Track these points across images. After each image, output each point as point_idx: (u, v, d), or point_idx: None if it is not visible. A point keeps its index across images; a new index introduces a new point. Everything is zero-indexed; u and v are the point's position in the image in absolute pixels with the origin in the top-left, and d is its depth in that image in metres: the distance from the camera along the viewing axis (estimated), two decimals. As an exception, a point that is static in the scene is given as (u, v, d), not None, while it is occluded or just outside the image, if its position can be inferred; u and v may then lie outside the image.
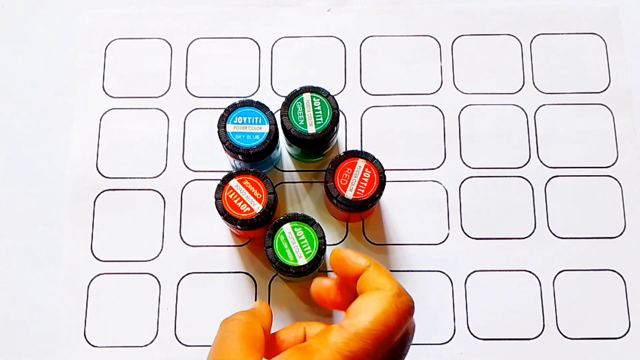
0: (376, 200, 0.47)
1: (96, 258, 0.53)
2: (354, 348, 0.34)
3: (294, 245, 0.46)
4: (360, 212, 0.49)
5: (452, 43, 0.57)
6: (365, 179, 0.47)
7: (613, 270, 0.52)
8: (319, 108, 0.48)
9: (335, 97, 0.50)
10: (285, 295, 0.52)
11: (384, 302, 0.36)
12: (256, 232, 0.49)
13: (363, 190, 0.47)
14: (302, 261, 0.46)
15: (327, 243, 0.53)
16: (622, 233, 0.53)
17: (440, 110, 0.56)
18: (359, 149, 0.53)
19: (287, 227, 0.46)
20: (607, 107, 0.56)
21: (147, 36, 0.57)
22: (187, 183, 0.54)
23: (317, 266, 0.46)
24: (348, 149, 0.54)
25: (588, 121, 0.55)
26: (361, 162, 0.47)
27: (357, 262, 0.39)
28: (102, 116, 0.56)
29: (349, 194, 0.46)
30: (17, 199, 0.54)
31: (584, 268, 0.52)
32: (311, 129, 0.48)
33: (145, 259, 0.53)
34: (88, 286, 0.52)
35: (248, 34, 0.58)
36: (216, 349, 0.36)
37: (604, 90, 0.56)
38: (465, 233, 0.53)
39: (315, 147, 0.50)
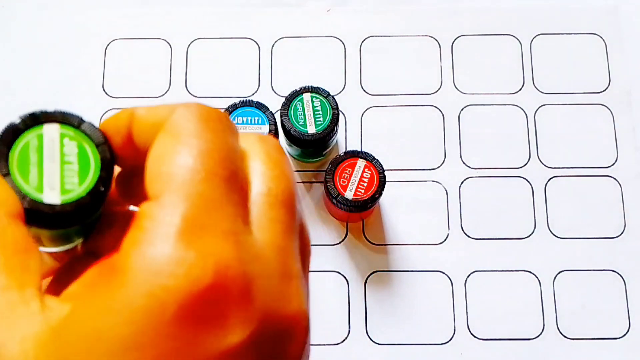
0: (376, 200, 0.47)
1: (96, 258, 0.52)
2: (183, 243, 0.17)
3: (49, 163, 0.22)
4: (360, 212, 0.49)
5: (452, 43, 0.57)
6: (365, 179, 0.47)
7: (613, 271, 0.52)
8: (319, 108, 0.48)
9: (335, 97, 0.50)
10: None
11: (175, 140, 0.19)
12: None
13: (363, 190, 0.47)
14: (51, 197, 0.21)
15: (326, 243, 0.53)
16: (622, 233, 0.53)
17: (440, 110, 0.56)
18: (359, 149, 0.53)
19: (50, 130, 0.23)
20: (607, 107, 0.56)
21: (147, 36, 0.57)
22: (187, 183, 0.54)
23: (84, 212, 0.21)
24: (348, 149, 0.54)
25: (588, 121, 0.55)
26: (361, 162, 0.47)
27: (116, 118, 0.24)
28: (102, 116, 0.56)
29: (349, 194, 0.46)
30: (17, 199, 0.54)
31: (584, 268, 0.52)
32: (311, 129, 0.48)
33: (145, 259, 0.52)
34: (88, 286, 0.52)
35: (248, 34, 0.58)
36: None
37: (604, 90, 0.56)
38: (465, 233, 0.53)
39: (315, 147, 0.50)
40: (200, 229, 0.18)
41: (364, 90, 0.56)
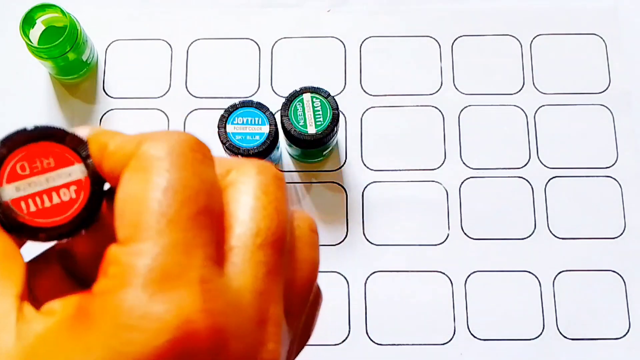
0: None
1: (96, 258, 0.52)
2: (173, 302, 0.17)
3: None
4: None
5: (452, 43, 0.57)
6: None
7: (613, 271, 0.52)
8: (319, 108, 0.48)
9: (335, 97, 0.50)
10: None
11: (147, 184, 0.18)
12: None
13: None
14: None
15: (326, 243, 0.53)
16: (622, 233, 0.53)
17: (440, 110, 0.56)
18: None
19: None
20: (607, 107, 0.56)
21: (147, 37, 0.57)
22: (187, 183, 0.54)
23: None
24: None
25: (588, 121, 0.55)
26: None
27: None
28: (102, 116, 0.56)
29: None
30: (18, 199, 0.54)
31: (584, 268, 0.52)
32: (311, 130, 0.48)
33: (146, 259, 0.52)
34: (88, 286, 0.52)
35: (248, 35, 0.58)
36: None
37: (603, 91, 0.56)
38: (465, 233, 0.53)
39: (315, 147, 0.50)
40: (167, 279, 0.17)
41: (364, 91, 0.56)
